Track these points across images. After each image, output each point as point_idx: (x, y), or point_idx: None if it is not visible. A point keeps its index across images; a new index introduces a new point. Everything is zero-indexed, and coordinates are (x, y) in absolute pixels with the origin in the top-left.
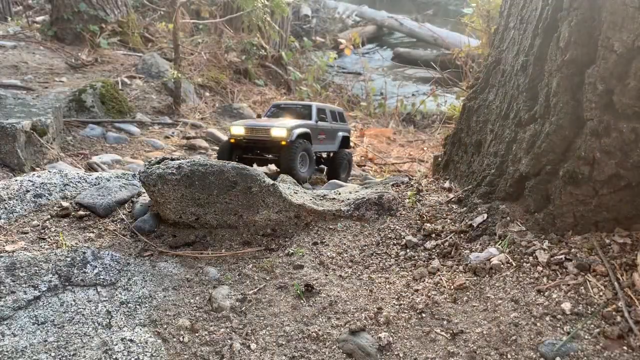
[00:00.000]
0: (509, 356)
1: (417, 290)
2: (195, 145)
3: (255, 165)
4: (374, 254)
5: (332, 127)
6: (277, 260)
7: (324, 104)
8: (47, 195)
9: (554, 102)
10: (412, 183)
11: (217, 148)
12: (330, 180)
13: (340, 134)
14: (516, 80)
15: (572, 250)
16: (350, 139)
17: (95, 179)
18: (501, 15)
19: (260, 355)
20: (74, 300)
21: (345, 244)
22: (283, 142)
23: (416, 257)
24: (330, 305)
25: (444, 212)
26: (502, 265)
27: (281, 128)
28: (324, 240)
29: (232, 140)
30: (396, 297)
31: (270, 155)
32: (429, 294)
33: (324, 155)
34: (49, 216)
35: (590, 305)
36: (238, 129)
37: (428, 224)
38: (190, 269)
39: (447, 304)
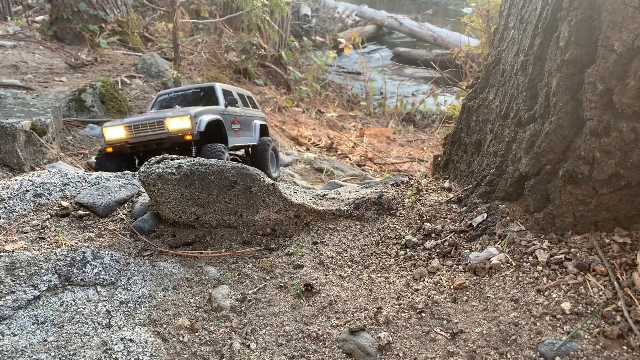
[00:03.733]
0: (509, 356)
1: (417, 290)
2: None
3: None
4: (374, 253)
5: (247, 115)
6: (277, 260)
7: (228, 85)
8: (47, 195)
9: (554, 102)
10: (412, 183)
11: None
12: (330, 181)
13: (257, 122)
14: (516, 80)
15: (572, 250)
16: (269, 128)
17: (95, 179)
18: (501, 15)
19: (260, 355)
20: (74, 300)
21: (345, 243)
22: (188, 137)
23: (416, 257)
24: (330, 305)
25: (444, 212)
26: (502, 265)
27: (181, 117)
28: (324, 240)
29: (110, 150)
30: (396, 297)
31: None
32: (429, 293)
33: (240, 153)
34: (49, 216)
35: (590, 305)
36: (115, 132)
37: (428, 224)
38: (190, 268)
39: (447, 304)
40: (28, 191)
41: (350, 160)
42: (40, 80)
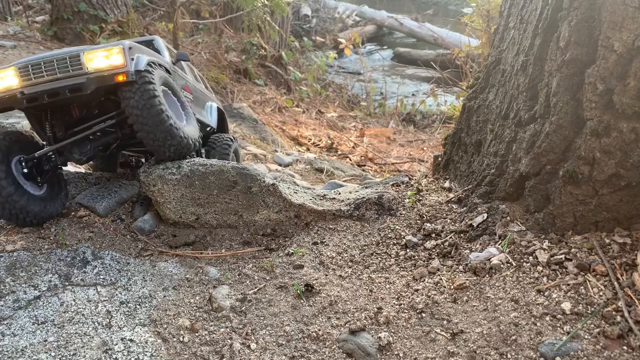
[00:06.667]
0: (509, 356)
1: (417, 290)
2: None
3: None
4: (374, 253)
5: (200, 89)
6: (277, 260)
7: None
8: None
9: (554, 102)
10: (412, 183)
11: None
12: (330, 181)
13: (213, 104)
14: (516, 80)
15: (572, 250)
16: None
17: (95, 179)
18: (501, 15)
19: (260, 355)
20: (74, 300)
21: (345, 243)
22: (120, 77)
23: (416, 257)
24: (330, 305)
25: (444, 212)
26: (502, 265)
27: (107, 48)
28: (324, 240)
29: None
30: (396, 297)
31: (99, 126)
32: (429, 293)
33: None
34: None
35: (590, 305)
36: (3, 78)
37: (428, 224)
38: (190, 268)
39: (447, 304)
40: None
41: (350, 160)
42: None
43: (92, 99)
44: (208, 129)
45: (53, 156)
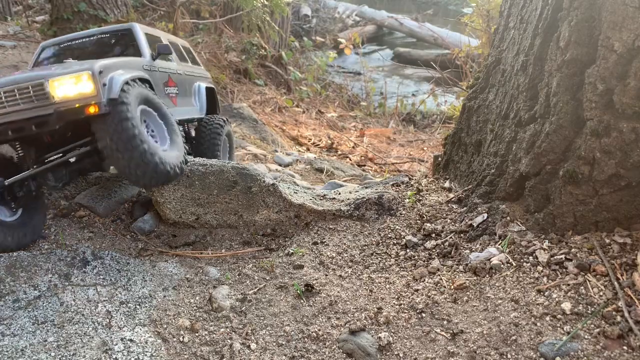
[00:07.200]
0: (509, 356)
1: (417, 290)
2: None
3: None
4: (374, 253)
5: (186, 72)
6: (277, 260)
7: (156, 30)
8: (47, 195)
9: (554, 102)
10: (412, 183)
11: None
12: (330, 181)
13: (200, 85)
14: (516, 80)
15: (572, 250)
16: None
17: (96, 178)
18: (501, 15)
19: (260, 355)
20: (74, 300)
21: (345, 243)
22: (91, 109)
23: (416, 257)
24: (330, 305)
25: (444, 212)
26: (502, 265)
27: (75, 74)
28: (324, 240)
29: None
30: (396, 297)
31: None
32: (429, 293)
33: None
34: (49, 216)
35: (590, 305)
36: None
37: (428, 224)
38: (190, 268)
39: (447, 304)
40: None
41: (350, 160)
42: None
43: (63, 129)
44: (192, 117)
45: (26, 182)
